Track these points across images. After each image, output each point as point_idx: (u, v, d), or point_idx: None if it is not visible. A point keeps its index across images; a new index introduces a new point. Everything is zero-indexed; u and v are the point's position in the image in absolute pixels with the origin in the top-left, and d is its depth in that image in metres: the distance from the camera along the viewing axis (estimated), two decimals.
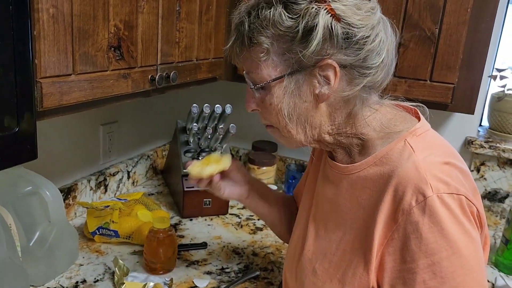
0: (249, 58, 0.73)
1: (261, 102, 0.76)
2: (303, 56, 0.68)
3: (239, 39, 0.72)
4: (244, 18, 0.71)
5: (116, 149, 1.55)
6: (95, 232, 1.22)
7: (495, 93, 1.55)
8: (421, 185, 0.65)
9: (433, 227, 0.64)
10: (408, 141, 0.71)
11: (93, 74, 0.87)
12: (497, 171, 1.50)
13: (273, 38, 0.69)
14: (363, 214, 0.73)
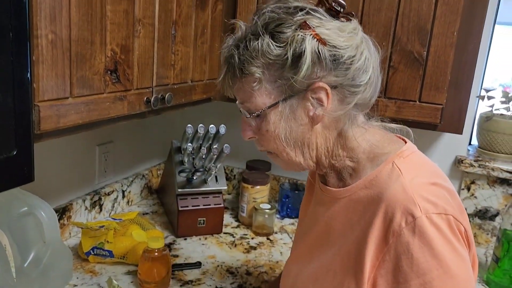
0: (242, 89, 0.75)
1: (257, 130, 0.77)
2: (294, 81, 0.70)
3: (230, 71, 0.75)
4: (234, 51, 0.73)
5: (111, 169, 1.56)
6: (89, 252, 1.22)
7: (484, 113, 1.58)
8: (409, 206, 0.66)
9: (424, 247, 0.65)
10: (396, 163, 0.73)
11: (90, 97, 0.89)
12: (487, 189, 1.52)
13: (263, 67, 0.71)
14: (353, 236, 0.74)
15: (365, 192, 0.74)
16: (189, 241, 1.44)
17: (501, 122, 1.52)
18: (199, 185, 1.46)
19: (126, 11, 0.95)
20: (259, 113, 0.75)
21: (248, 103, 0.75)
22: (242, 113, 0.78)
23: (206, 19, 1.29)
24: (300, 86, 0.71)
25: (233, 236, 1.50)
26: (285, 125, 0.74)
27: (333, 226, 0.79)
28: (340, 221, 0.78)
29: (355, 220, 0.75)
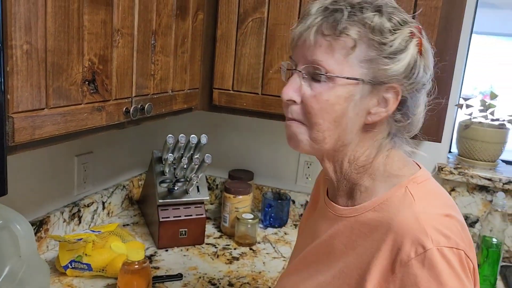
0: (329, 46, 0.67)
1: (312, 95, 0.69)
2: (384, 70, 0.67)
3: (328, 22, 0.67)
4: (345, 7, 0.67)
5: (91, 180, 1.53)
6: (67, 266, 1.19)
7: (462, 121, 1.61)
8: (420, 236, 0.63)
9: (432, 281, 0.61)
10: (409, 188, 0.70)
11: (66, 108, 0.87)
12: (466, 196, 1.55)
13: (364, 39, 0.67)
14: (356, 261, 0.71)
15: (373, 214, 0.71)
16: (170, 252, 1.42)
17: (479, 130, 1.54)
18: (181, 196, 1.45)
19: (104, 21, 0.94)
20: (339, 77, 0.67)
21: (325, 62, 0.67)
22: (300, 73, 0.71)
23: (186, 28, 1.29)
24: (382, 79, 0.68)
25: (216, 247, 1.49)
26: (346, 106, 0.69)
27: (334, 246, 0.76)
28: (342, 242, 0.74)
29: (359, 243, 0.71)
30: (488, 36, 3.47)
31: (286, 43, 1.32)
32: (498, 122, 1.57)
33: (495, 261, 1.29)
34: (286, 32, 1.32)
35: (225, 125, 1.83)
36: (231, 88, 1.41)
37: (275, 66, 1.35)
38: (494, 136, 1.53)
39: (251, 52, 1.37)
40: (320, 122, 0.69)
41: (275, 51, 1.34)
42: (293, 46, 0.73)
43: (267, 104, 1.37)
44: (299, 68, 0.70)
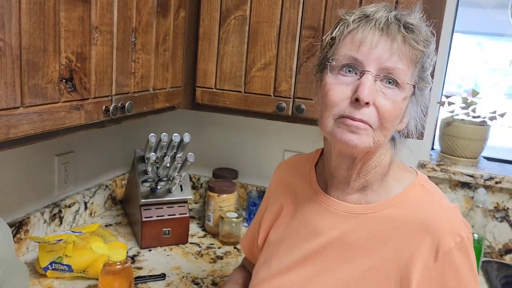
0: (408, 57, 0.73)
1: (390, 102, 0.72)
2: (426, 87, 0.77)
3: (413, 36, 0.72)
4: (418, 24, 0.74)
5: (72, 180, 1.51)
6: (47, 267, 1.17)
7: (444, 118, 1.62)
8: (456, 228, 0.74)
9: (466, 263, 0.73)
10: (425, 186, 0.79)
11: (43, 106, 0.86)
12: (449, 193, 1.56)
13: (425, 56, 0.74)
14: (391, 254, 0.76)
15: (397, 211, 0.77)
16: (153, 252, 1.41)
17: (461, 127, 1.56)
18: (164, 195, 1.44)
19: (82, 18, 0.92)
20: (406, 87, 0.73)
21: (405, 72, 0.72)
22: (375, 77, 0.72)
23: (168, 26, 1.28)
24: (420, 85, 0.76)
25: (200, 246, 1.48)
26: (401, 109, 0.74)
27: (350, 242, 0.78)
28: (361, 237, 0.78)
29: (385, 237, 0.76)
30: (474, 36, 3.52)
31: (269, 41, 1.32)
32: (480, 119, 1.58)
33: (476, 257, 1.30)
34: (269, 29, 1.31)
35: (209, 123, 1.83)
36: (214, 87, 1.40)
37: (258, 64, 1.34)
38: (475, 133, 1.55)
39: (233, 50, 1.36)
40: (390, 127, 0.74)
41: (257, 48, 1.34)
42: (365, 48, 0.72)
43: (250, 102, 1.37)
44: (374, 72, 0.72)
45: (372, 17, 0.73)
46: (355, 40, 0.73)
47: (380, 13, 0.74)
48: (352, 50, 0.73)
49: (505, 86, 4.67)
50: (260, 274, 0.88)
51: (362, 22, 0.74)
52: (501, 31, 2.72)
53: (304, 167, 0.93)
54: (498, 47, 4.16)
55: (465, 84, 4.58)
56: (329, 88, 0.74)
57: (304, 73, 1.30)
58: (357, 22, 0.74)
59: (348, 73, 0.73)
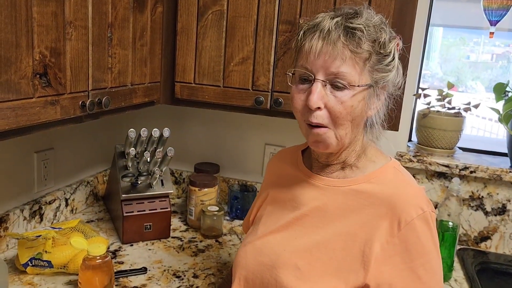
0: (351, 59, 0.80)
1: (339, 103, 0.81)
2: (385, 76, 0.84)
3: (353, 40, 0.80)
4: (364, 27, 0.80)
5: (52, 177, 1.51)
6: (27, 263, 1.17)
7: (421, 110, 1.66)
8: (420, 203, 0.84)
9: (427, 233, 0.82)
10: (397, 168, 0.90)
11: (16, 102, 0.86)
12: (426, 183, 1.59)
13: (374, 53, 0.82)
14: (359, 221, 0.85)
15: (370, 186, 0.87)
16: (135, 247, 1.42)
17: (437, 119, 1.59)
18: (144, 190, 1.44)
19: (55, 13, 0.93)
20: (356, 87, 0.81)
21: (348, 75, 0.80)
22: (322, 82, 0.82)
23: (145, 21, 1.28)
24: (383, 82, 0.84)
25: (181, 240, 1.49)
26: (361, 107, 0.83)
27: (327, 210, 0.89)
28: (337, 206, 0.88)
29: (356, 206, 0.87)
30: (452, 29, 3.57)
31: (247, 35, 1.33)
32: (455, 111, 1.62)
33: (451, 244, 1.34)
34: (246, 24, 1.33)
35: (189, 118, 1.83)
36: (193, 81, 1.41)
37: (236, 58, 1.36)
38: (451, 124, 1.58)
39: (211, 45, 1.37)
40: (345, 123, 0.83)
41: (235, 43, 1.35)
42: (311, 58, 0.82)
43: (228, 97, 1.38)
44: (322, 78, 0.82)
45: (317, 27, 0.83)
46: (304, 51, 0.83)
47: (324, 22, 0.82)
48: (303, 61, 0.84)
49: (486, 80, 4.74)
50: (247, 239, 1.00)
51: (309, 32, 0.84)
52: (480, 24, 2.78)
53: (292, 155, 1.05)
54: (480, 42, 4.23)
55: (448, 78, 4.66)
56: (293, 96, 0.87)
57: (282, 67, 1.32)
58: (306, 32, 0.84)
59: (304, 81, 0.85)
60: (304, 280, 0.85)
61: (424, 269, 0.81)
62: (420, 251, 0.81)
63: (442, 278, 0.85)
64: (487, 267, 1.49)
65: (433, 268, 0.82)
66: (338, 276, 0.83)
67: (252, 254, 0.94)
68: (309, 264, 0.86)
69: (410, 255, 0.81)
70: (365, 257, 0.82)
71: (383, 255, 0.82)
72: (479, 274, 1.40)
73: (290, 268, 0.86)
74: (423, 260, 0.81)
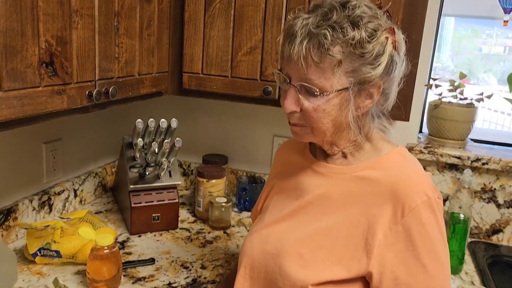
0: (318, 66, 0.77)
1: (311, 107, 0.81)
2: (369, 75, 0.78)
3: (314, 46, 0.76)
4: (327, 30, 0.76)
5: (61, 167, 1.51)
6: (36, 253, 1.18)
7: (432, 101, 1.63)
8: (424, 188, 0.81)
9: (432, 220, 0.80)
10: (404, 154, 0.88)
11: (23, 91, 0.85)
12: (437, 175, 1.57)
13: (347, 55, 0.77)
14: (363, 207, 0.83)
15: (373, 172, 0.85)
16: (143, 238, 1.42)
17: (448, 110, 1.56)
18: (152, 181, 1.44)
19: (61, 2, 0.92)
20: (329, 93, 0.79)
21: (316, 81, 0.78)
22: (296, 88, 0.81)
23: (152, 11, 1.27)
24: (368, 80, 0.79)
25: (189, 231, 1.49)
26: (339, 109, 0.81)
27: (331, 196, 0.88)
28: (340, 193, 0.87)
29: (359, 193, 0.85)
30: (464, 20, 3.51)
31: (255, 24, 1.31)
32: (467, 101, 1.59)
33: (462, 237, 1.32)
34: (254, 13, 1.31)
35: (198, 109, 1.82)
36: (200, 72, 1.40)
37: (244, 48, 1.34)
38: (462, 115, 1.55)
39: (219, 35, 1.35)
40: (320, 125, 0.82)
41: (243, 32, 1.33)
42: (284, 62, 0.82)
43: (236, 87, 1.37)
44: (295, 84, 0.81)
45: (289, 30, 0.80)
46: (283, 54, 0.82)
47: (295, 26, 0.78)
48: (283, 64, 0.84)
49: (499, 73, 4.66)
50: (253, 228, 1.00)
51: (286, 35, 0.81)
52: (494, 14, 2.73)
53: (300, 142, 1.03)
54: (493, 33, 4.15)
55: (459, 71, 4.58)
56: (281, 95, 0.86)
57: None
58: (285, 36, 0.82)
59: (285, 83, 0.84)
60: (307, 268, 0.84)
61: (429, 257, 0.79)
62: (424, 238, 0.79)
63: (449, 267, 0.83)
64: (498, 260, 1.46)
65: (439, 256, 0.80)
66: (341, 263, 0.82)
67: (258, 243, 0.94)
68: (312, 252, 0.85)
69: (414, 243, 0.79)
70: (368, 244, 0.81)
71: (386, 242, 0.80)
72: (490, 267, 1.38)
73: (294, 256, 0.86)
74: (427, 248, 0.79)
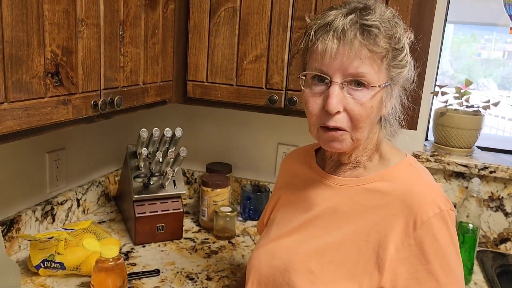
0: (370, 59, 0.76)
1: (358, 105, 0.78)
2: (401, 72, 0.81)
3: (370, 38, 0.76)
4: (379, 22, 0.76)
5: (64, 177, 1.50)
6: (39, 265, 1.16)
7: (438, 108, 1.61)
8: (437, 200, 0.79)
9: (445, 233, 0.78)
10: (413, 165, 0.86)
11: (28, 102, 0.84)
12: (443, 183, 1.55)
13: (391, 50, 0.78)
14: (372, 220, 0.82)
15: (383, 184, 0.83)
16: (147, 248, 1.40)
17: (455, 117, 1.55)
18: (157, 190, 1.42)
19: (67, 11, 0.91)
20: (376, 87, 0.78)
21: (368, 74, 0.77)
22: (340, 85, 0.78)
23: (157, 19, 1.26)
24: (395, 78, 0.81)
25: (194, 241, 1.47)
26: (378, 106, 0.80)
27: (340, 210, 0.86)
28: (349, 206, 0.85)
29: (369, 206, 0.83)
30: (463, 26, 3.51)
31: (260, 32, 1.31)
32: (473, 109, 1.58)
33: (471, 247, 1.30)
34: (259, 21, 1.30)
35: (202, 117, 1.81)
36: (205, 80, 1.39)
37: (249, 56, 1.33)
38: (469, 122, 1.54)
39: (224, 43, 1.35)
40: (364, 125, 0.80)
41: (248, 41, 1.32)
42: (327, 59, 0.78)
43: (242, 95, 1.35)
44: (340, 80, 0.77)
45: (330, 26, 0.78)
46: (318, 52, 0.78)
47: (337, 20, 0.77)
48: (317, 62, 0.79)
49: (498, 77, 4.67)
50: (260, 242, 0.98)
51: (321, 32, 0.78)
52: (494, 21, 2.72)
53: (305, 154, 1.02)
54: (492, 38, 4.16)
55: (459, 76, 4.58)
56: (307, 100, 0.82)
57: (296, 65, 1.29)
58: (318, 32, 0.79)
59: (319, 82, 0.80)
60: (318, 284, 0.82)
61: (443, 271, 0.77)
62: (437, 252, 0.77)
63: (463, 281, 0.80)
64: (507, 270, 1.44)
65: (453, 270, 0.78)
66: (352, 279, 0.80)
67: (265, 257, 0.92)
68: (322, 267, 0.83)
69: (427, 257, 0.77)
70: (379, 259, 0.79)
71: (398, 257, 0.78)
72: (499, 277, 1.36)
73: (303, 271, 0.84)
74: (441, 262, 0.77)
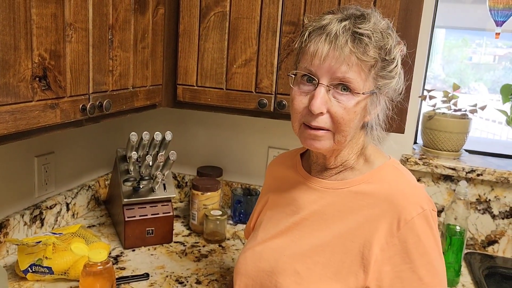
0: (356, 65, 0.78)
1: (342, 108, 0.80)
2: (389, 82, 0.83)
3: (360, 46, 0.77)
4: (371, 32, 0.78)
5: (53, 181, 1.49)
6: (27, 270, 1.15)
7: (426, 112, 1.63)
8: (419, 200, 0.82)
9: (428, 232, 0.80)
10: (397, 166, 0.89)
11: (15, 105, 0.84)
12: (432, 186, 1.57)
13: (380, 60, 0.80)
14: (357, 222, 0.83)
15: (367, 186, 0.86)
16: (137, 252, 1.40)
17: (442, 121, 1.57)
18: (147, 194, 1.42)
19: (55, 15, 0.91)
20: (361, 94, 0.79)
21: (354, 80, 0.79)
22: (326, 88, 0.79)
23: (146, 23, 1.26)
24: (386, 88, 0.83)
25: (184, 245, 1.47)
26: (361, 113, 0.82)
27: (326, 212, 0.87)
28: (336, 209, 0.87)
29: (354, 208, 0.85)
30: (454, 31, 3.55)
31: (249, 37, 1.31)
32: (461, 113, 1.59)
33: (458, 249, 1.31)
34: (249, 25, 1.31)
35: (192, 121, 1.81)
36: (195, 84, 1.39)
37: (239, 60, 1.34)
38: (457, 126, 1.56)
39: (214, 47, 1.35)
40: (347, 129, 0.81)
41: (238, 45, 1.33)
42: (316, 61, 0.80)
43: (231, 99, 1.36)
44: (326, 83, 0.80)
45: (324, 29, 0.80)
46: (309, 52, 0.80)
47: (331, 25, 0.79)
48: (308, 63, 0.81)
49: (489, 82, 4.72)
50: (247, 245, 0.99)
51: (315, 34, 0.81)
52: (483, 26, 2.76)
53: (291, 158, 1.03)
54: (483, 43, 4.21)
55: (450, 80, 4.63)
56: (293, 97, 0.84)
57: (285, 68, 1.30)
58: (312, 34, 0.81)
59: (308, 82, 0.82)
60: (304, 285, 0.83)
61: (426, 269, 0.79)
62: (421, 251, 0.79)
63: (445, 279, 0.83)
64: (494, 272, 1.46)
65: (435, 268, 0.80)
66: (338, 279, 0.82)
67: (252, 260, 0.93)
68: (308, 268, 0.84)
69: (411, 256, 0.79)
70: (364, 259, 0.81)
71: (382, 256, 0.80)
72: (486, 279, 1.38)
73: (290, 273, 0.85)
74: (424, 260, 0.79)
